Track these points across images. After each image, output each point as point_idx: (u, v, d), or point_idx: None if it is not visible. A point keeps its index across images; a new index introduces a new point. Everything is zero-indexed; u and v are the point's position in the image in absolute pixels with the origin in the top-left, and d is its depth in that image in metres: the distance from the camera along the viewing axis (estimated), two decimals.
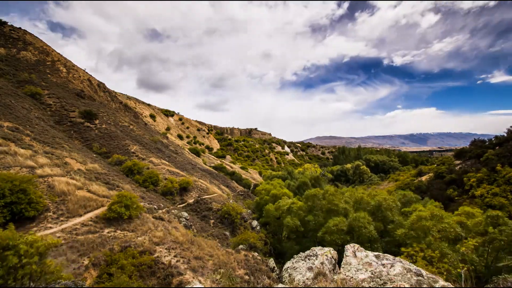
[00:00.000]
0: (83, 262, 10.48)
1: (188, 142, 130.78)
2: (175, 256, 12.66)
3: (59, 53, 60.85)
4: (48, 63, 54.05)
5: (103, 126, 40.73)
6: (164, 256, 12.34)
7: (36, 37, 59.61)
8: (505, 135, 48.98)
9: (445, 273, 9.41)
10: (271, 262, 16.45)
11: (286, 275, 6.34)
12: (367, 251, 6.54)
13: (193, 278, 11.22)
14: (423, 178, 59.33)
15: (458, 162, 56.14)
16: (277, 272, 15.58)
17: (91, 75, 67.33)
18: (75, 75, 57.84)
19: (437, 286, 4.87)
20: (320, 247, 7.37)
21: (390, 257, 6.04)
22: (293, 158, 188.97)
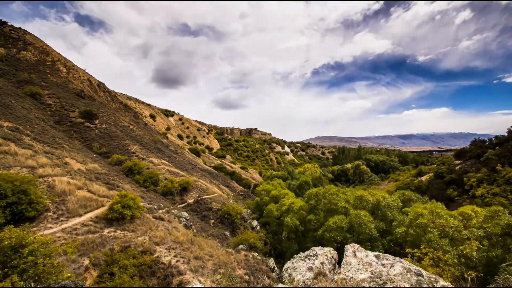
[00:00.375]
0: (83, 262, 10.48)
1: (188, 142, 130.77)
2: (175, 256, 12.66)
3: (59, 53, 60.87)
4: (48, 63, 54.06)
5: (103, 126, 40.74)
6: (164, 256, 12.34)
7: (36, 37, 59.63)
8: (505, 135, 48.99)
9: (450, 276, 9.42)
10: (271, 262, 16.45)
11: (286, 275, 6.35)
12: (367, 251, 6.55)
13: (193, 278, 11.22)
14: (423, 178, 59.36)
15: (458, 162, 56.14)
16: (277, 272, 15.58)
17: (91, 75, 67.35)
18: (75, 75, 57.85)
19: (437, 286, 4.87)
20: (320, 247, 7.37)
21: (390, 257, 6.04)
22: (293, 158, 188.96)
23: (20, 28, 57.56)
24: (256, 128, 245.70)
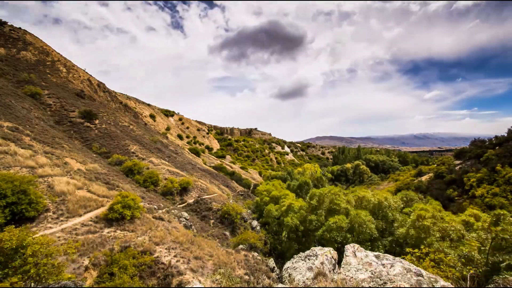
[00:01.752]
0: (83, 262, 10.48)
1: (188, 142, 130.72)
2: (175, 256, 12.66)
3: (59, 53, 60.87)
4: (48, 63, 54.05)
5: (103, 126, 40.73)
6: (164, 256, 12.34)
7: (36, 37, 59.62)
8: (505, 135, 49.01)
9: (450, 276, 9.40)
10: (271, 262, 16.45)
11: (286, 275, 6.34)
12: (367, 251, 6.55)
13: (193, 278, 11.23)
14: (423, 178, 59.36)
15: (458, 162, 56.16)
16: (277, 272, 15.59)
17: (91, 75, 67.33)
18: (75, 75, 57.85)
19: (437, 286, 4.87)
20: (320, 247, 7.38)
21: (390, 257, 6.04)
22: (293, 158, 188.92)
23: (20, 28, 57.57)
24: (256, 128, 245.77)
